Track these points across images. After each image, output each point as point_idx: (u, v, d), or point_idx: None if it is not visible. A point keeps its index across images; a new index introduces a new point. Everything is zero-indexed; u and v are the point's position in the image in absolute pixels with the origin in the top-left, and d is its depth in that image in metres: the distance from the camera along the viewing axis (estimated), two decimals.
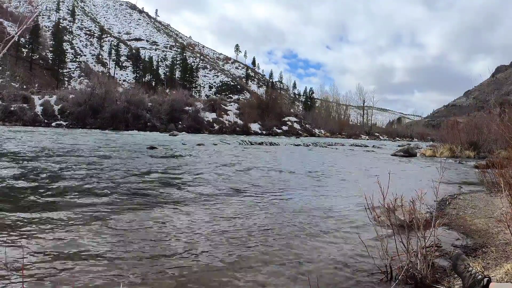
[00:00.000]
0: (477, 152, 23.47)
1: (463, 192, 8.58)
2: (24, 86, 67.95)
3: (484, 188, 8.58)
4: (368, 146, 36.27)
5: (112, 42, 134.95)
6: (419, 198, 3.71)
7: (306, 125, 73.02)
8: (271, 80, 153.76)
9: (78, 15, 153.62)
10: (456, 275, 3.16)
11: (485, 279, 2.36)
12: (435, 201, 4.05)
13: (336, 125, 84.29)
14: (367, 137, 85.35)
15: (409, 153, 23.26)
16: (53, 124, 42.54)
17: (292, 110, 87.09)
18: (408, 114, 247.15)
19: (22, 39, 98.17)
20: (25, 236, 3.92)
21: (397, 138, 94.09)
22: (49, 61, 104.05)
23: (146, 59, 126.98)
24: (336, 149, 29.93)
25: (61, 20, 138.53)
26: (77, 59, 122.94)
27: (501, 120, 12.10)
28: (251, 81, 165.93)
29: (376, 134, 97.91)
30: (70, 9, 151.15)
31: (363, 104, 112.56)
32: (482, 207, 6.54)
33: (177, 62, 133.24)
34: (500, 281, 2.93)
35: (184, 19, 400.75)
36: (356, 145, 37.34)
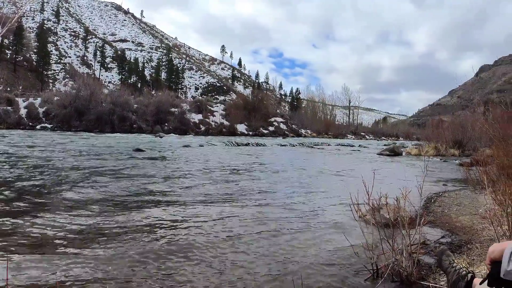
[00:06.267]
0: (461, 150, 23.72)
1: (448, 190, 8.66)
2: (8, 89, 67.15)
3: (468, 185, 8.67)
4: (354, 146, 36.42)
5: (97, 43, 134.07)
6: (403, 196, 3.75)
7: (293, 126, 73.06)
8: (257, 80, 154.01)
9: (62, 16, 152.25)
10: (441, 272, 3.19)
11: (469, 275, 2.38)
12: (420, 199, 4.09)
13: (322, 125, 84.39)
14: (353, 136, 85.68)
15: (394, 152, 23.42)
16: (38, 127, 42.03)
17: (278, 111, 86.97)
18: (394, 114, 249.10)
19: (6, 40, 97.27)
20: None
21: (383, 138, 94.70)
22: (34, 62, 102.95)
23: (132, 60, 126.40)
24: (323, 149, 30.02)
25: (45, 21, 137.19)
26: (62, 61, 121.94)
27: (485, 119, 12.25)
28: (237, 82, 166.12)
29: (362, 133, 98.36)
30: (55, 10, 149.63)
31: (349, 104, 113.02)
32: (467, 205, 6.61)
33: (163, 63, 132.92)
34: (484, 276, 2.97)
35: (168, 17, 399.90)
36: (342, 145, 37.49)
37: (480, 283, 1.86)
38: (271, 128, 64.66)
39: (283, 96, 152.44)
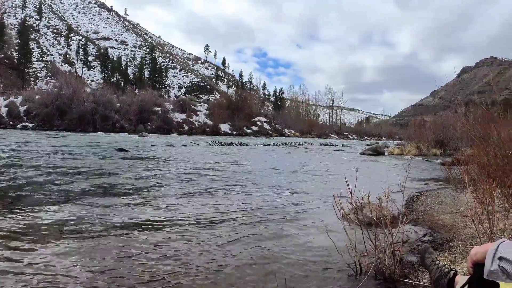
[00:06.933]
0: (443, 150, 24.04)
1: (430, 188, 8.76)
2: None
3: (450, 184, 8.77)
4: (337, 145, 36.69)
5: (80, 41, 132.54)
6: (386, 195, 3.77)
7: (276, 125, 73.21)
8: (241, 80, 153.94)
9: (45, 13, 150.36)
10: (424, 269, 3.24)
11: (452, 272, 2.41)
12: (402, 198, 4.12)
13: (306, 125, 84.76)
14: (336, 136, 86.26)
15: (377, 152, 23.64)
16: (19, 126, 41.41)
17: (262, 111, 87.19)
18: (377, 114, 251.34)
19: None
20: None
21: (366, 137, 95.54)
22: (15, 60, 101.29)
23: (115, 58, 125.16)
24: (306, 148, 30.16)
25: (27, 18, 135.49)
26: (44, 59, 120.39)
27: (466, 119, 12.39)
28: (221, 82, 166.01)
29: (345, 133, 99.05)
30: (37, 6, 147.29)
31: (332, 104, 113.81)
32: (448, 203, 6.70)
33: (146, 62, 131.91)
34: (466, 273, 3.01)
35: (152, 15, 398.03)
36: (326, 144, 37.73)
37: (462, 287, 1.88)
38: (254, 128, 64.72)
39: (266, 96, 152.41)
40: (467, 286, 1.66)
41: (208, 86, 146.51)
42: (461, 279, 2.15)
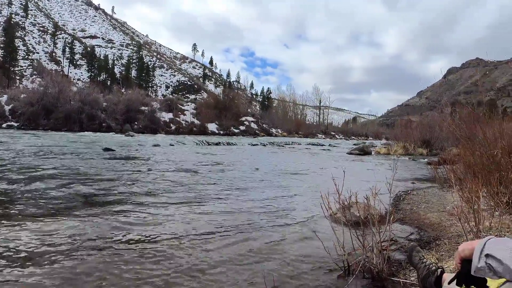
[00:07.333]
0: (429, 149, 24.29)
1: (416, 188, 8.84)
2: None
3: (436, 184, 8.86)
4: (324, 145, 36.82)
5: (67, 39, 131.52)
6: (373, 194, 3.79)
7: (264, 125, 73.23)
8: (228, 79, 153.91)
9: (31, 10, 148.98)
10: (411, 268, 3.27)
11: (439, 270, 2.44)
12: (389, 197, 4.14)
13: (293, 125, 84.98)
14: (323, 136, 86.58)
15: (364, 151, 23.78)
16: (4, 125, 40.82)
17: (249, 110, 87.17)
18: (364, 114, 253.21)
19: None
20: None
21: (353, 137, 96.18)
22: (0, 58, 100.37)
23: (102, 57, 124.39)
24: (293, 148, 30.22)
25: (13, 15, 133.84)
26: (30, 57, 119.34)
27: (452, 119, 12.51)
28: (208, 81, 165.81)
29: (332, 133, 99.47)
30: (23, 4, 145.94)
31: (320, 104, 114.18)
32: (435, 202, 6.77)
33: (133, 61, 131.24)
34: (453, 271, 3.05)
35: (139, 14, 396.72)
36: (313, 144, 37.85)
37: (449, 282, 1.90)
38: (242, 128, 64.68)
39: (254, 96, 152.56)
40: (455, 281, 1.68)
41: (196, 86, 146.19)
42: (448, 277, 2.18)
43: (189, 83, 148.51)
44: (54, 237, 4.00)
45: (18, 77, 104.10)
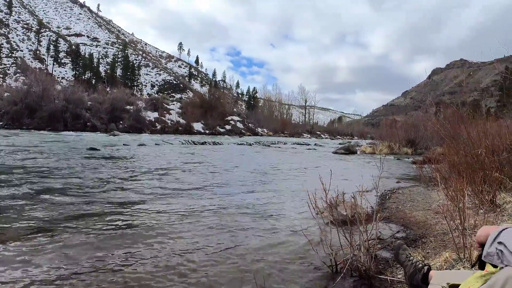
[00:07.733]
0: (414, 149, 24.52)
1: (402, 187, 8.92)
2: None
3: (421, 182, 8.94)
4: (310, 145, 36.94)
5: (51, 37, 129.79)
6: (360, 193, 3.82)
7: (249, 125, 73.32)
8: (214, 79, 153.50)
9: (15, 7, 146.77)
10: (398, 265, 3.31)
11: (425, 267, 2.46)
12: (375, 196, 4.17)
13: (279, 124, 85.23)
14: (309, 135, 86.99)
15: (349, 151, 23.91)
16: None
17: (235, 110, 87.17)
18: (349, 113, 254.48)
19: None
20: None
21: (338, 136, 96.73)
22: None
23: (86, 55, 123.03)
24: (279, 147, 30.29)
25: None
26: (13, 55, 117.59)
27: (436, 119, 12.62)
28: (194, 80, 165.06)
29: (317, 132, 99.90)
30: (7, 0, 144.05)
31: (305, 103, 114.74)
32: (420, 200, 6.85)
33: (119, 60, 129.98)
34: (440, 268, 3.11)
35: (125, 12, 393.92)
36: (298, 144, 37.97)
37: (472, 266, 1.95)
38: (228, 127, 64.70)
39: (240, 95, 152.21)
40: (442, 272, 1.73)
41: (181, 85, 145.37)
42: (435, 274, 2.20)
43: (174, 82, 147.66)
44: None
45: (1, 75, 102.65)
